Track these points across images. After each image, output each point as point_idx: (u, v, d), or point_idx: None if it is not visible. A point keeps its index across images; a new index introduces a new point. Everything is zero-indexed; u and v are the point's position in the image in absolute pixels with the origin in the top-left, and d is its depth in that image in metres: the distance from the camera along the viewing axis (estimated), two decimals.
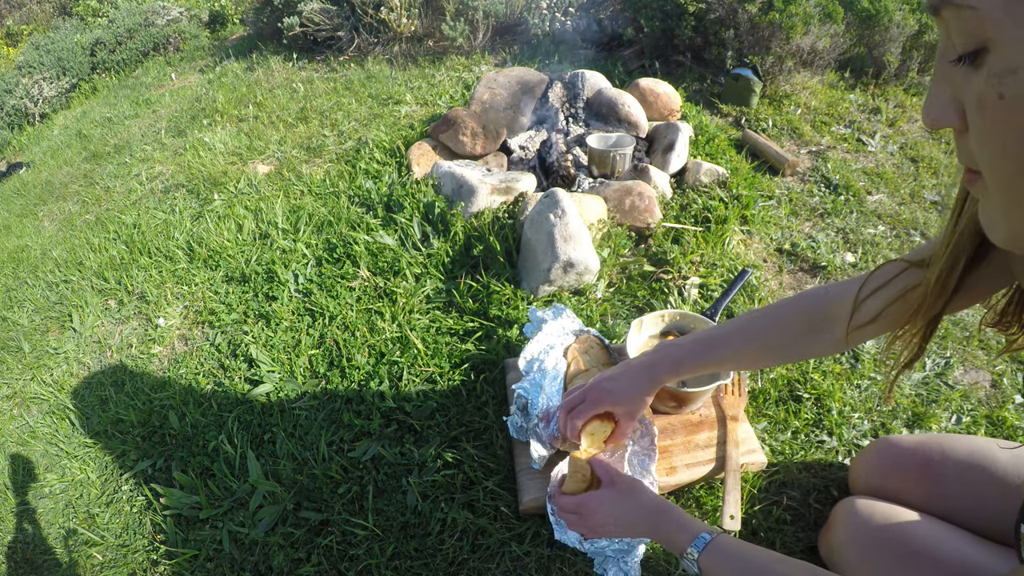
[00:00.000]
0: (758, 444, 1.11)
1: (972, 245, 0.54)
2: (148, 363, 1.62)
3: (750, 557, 0.68)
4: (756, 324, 0.81)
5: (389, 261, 1.68)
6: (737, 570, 0.67)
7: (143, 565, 1.16)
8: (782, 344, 0.79)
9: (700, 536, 0.71)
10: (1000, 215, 0.38)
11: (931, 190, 1.93)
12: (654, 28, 2.67)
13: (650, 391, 0.85)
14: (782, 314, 0.79)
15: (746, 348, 0.81)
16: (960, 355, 1.35)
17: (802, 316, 0.77)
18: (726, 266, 1.57)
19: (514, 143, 2.18)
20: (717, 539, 0.70)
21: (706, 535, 0.71)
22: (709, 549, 0.69)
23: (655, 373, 0.83)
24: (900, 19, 2.42)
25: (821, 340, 0.76)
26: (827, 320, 0.75)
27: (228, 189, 2.30)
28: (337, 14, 3.45)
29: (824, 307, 0.75)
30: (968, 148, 0.37)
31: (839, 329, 0.74)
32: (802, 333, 0.77)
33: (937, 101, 0.37)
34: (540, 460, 1.04)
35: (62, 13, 6.11)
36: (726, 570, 0.68)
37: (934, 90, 0.37)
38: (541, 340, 1.22)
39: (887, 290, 0.66)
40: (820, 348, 0.78)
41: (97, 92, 4.16)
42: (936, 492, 0.83)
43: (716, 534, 0.71)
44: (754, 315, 0.82)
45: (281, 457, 1.26)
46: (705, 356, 0.82)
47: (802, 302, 0.78)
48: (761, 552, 0.68)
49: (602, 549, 0.95)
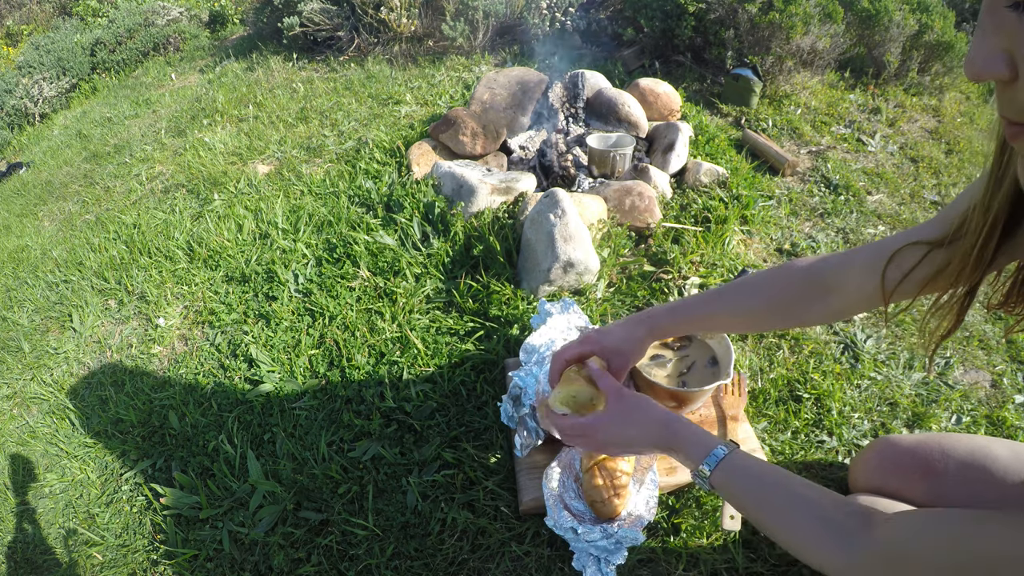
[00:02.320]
0: (758, 444, 1.11)
1: (1008, 209, 0.53)
2: (148, 363, 1.62)
3: (763, 472, 0.65)
4: (756, 282, 0.82)
5: (389, 261, 1.68)
6: (751, 486, 0.64)
7: (143, 565, 1.16)
8: (780, 304, 0.80)
9: (713, 452, 0.67)
10: None
11: (931, 190, 1.93)
12: (654, 28, 2.67)
13: (644, 337, 0.86)
14: (782, 275, 0.80)
15: (743, 304, 0.82)
16: (960, 355, 1.35)
17: (803, 279, 0.78)
18: (726, 266, 1.57)
19: (514, 143, 2.18)
20: (731, 455, 0.67)
21: (720, 450, 0.67)
22: (722, 466, 0.66)
23: (650, 319, 0.86)
24: (900, 19, 2.42)
25: (816, 307, 0.77)
26: (825, 287, 0.76)
27: (228, 189, 2.30)
28: (337, 14, 3.45)
29: (823, 274, 0.76)
30: (1016, 99, 0.36)
31: (835, 300, 0.75)
32: (800, 296, 0.78)
33: (984, 50, 0.36)
34: (524, 448, 1.07)
35: (62, 13, 6.11)
36: (740, 486, 0.65)
37: (979, 40, 0.36)
38: (544, 333, 1.23)
39: (919, 272, 0.64)
40: (815, 315, 0.79)
41: (97, 92, 4.16)
42: (936, 491, 0.83)
43: (731, 449, 0.68)
44: (756, 275, 0.83)
45: (281, 457, 1.26)
46: (701, 308, 0.84)
47: (803, 266, 0.79)
48: (775, 468, 0.66)
49: (586, 547, 0.95)
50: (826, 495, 0.59)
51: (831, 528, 0.56)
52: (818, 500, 0.59)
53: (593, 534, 0.95)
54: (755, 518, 0.64)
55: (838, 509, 0.57)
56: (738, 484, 0.65)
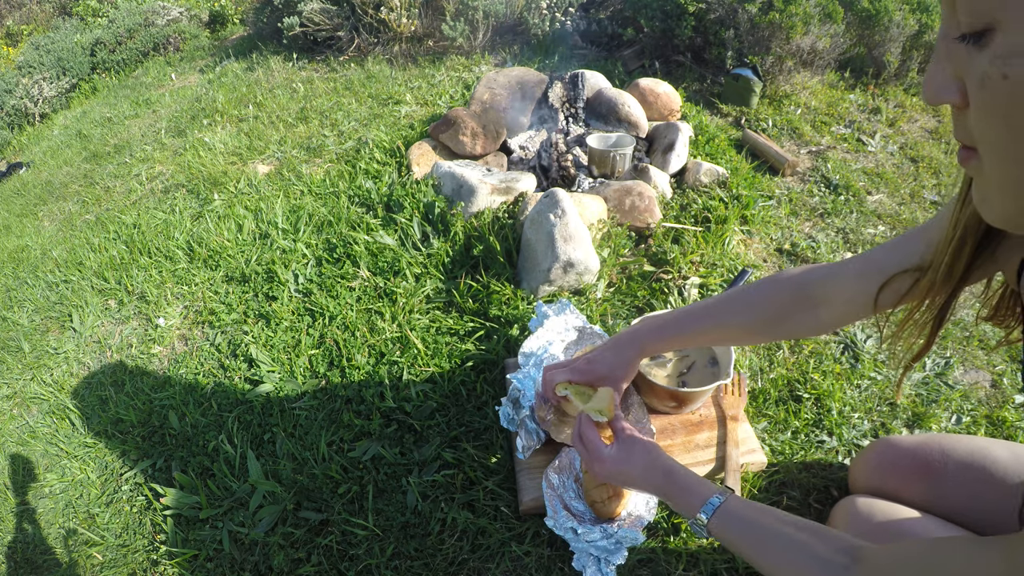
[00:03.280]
0: (758, 444, 1.11)
1: (977, 230, 0.54)
2: (148, 363, 1.62)
3: (757, 517, 0.68)
4: (744, 296, 0.83)
5: (389, 261, 1.68)
6: (745, 532, 0.68)
7: (143, 565, 1.16)
8: (768, 319, 0.80)
9: (709, 501, 0.71)
10: (995, 192, 0.38)
11: (931, 190, 1.93)
12: (654, 28, 2.67)
13: (633, 358, 0.88)
14: (769, 288, 0.81)
15: (732, 320, 0.83)
16: (960, 355, 1.35)
17: (791, 291, 0.78)
18: (726, 266, 1.57)
19: (514, 143, 2.18)
20: (726, 503, 0.71)
21: (715, 499, 0.71)
22: (718, 515, 0.70)
23: (638, 340, 0.87)
24: (900, 19, 2.42)
25: (805, 320, 0.78)
26: (813, 300, 0.76)
27: (228, 189, 2.30)
28: (337, 14, 3.45)
29: (811, 287, 0.77)
30: (966, 125, 0.37)
31: (824, 312, 0.75)
32: (789, 309, 0.78)
33: (938, 77, 0.37)
34: (525, 450, 1.07)
35: (62, 13, 6.11)
36: (735, 534, 0.68)
37: (935, 67, 0.37)
38: (541, 336, 1.23)
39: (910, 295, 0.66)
40: (804, 328, 0.79)
41: (97, 92, 4.16)
42: (936, 492, 0.83)
43: (726, 497, 0.71)
44: (743, 288, 0.84)
45: (281, 457, 1.26)
46: (689, 326, 0.85)
47: (790, 278, 0.79)
48: (767, 511, 0.69)
49: (586, 547, 0.95)
50: (816, 535, 0.63)
51: (827, 569, 0.59)
52: (809, 542, 0.62)
53: (593, 534, 0.95)
54: (753, 562, 0.67)
55: (828, 547, 0.60)
56: (734, 531, 0.69)
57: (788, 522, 0.66)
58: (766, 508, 0.70)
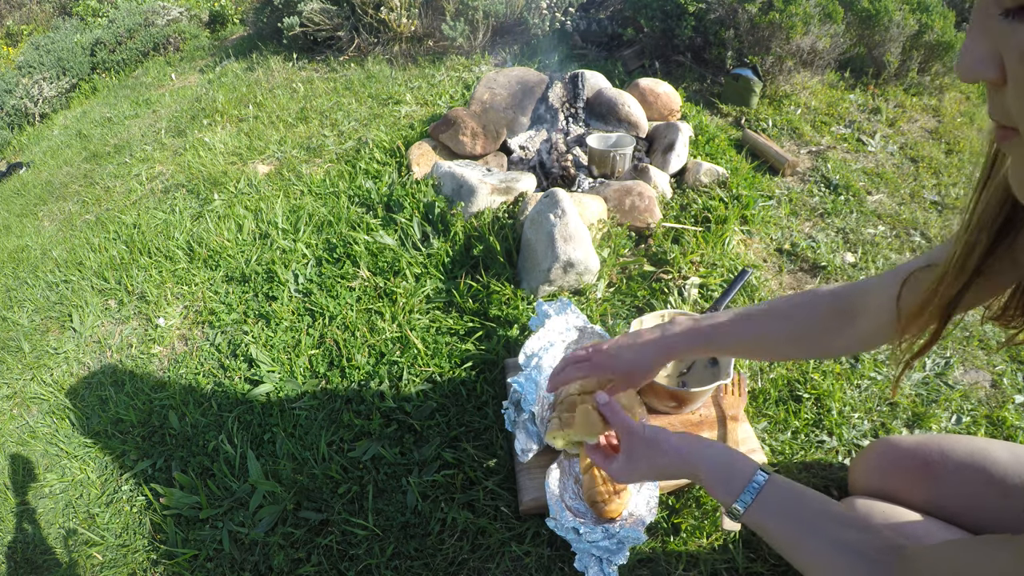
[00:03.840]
0: (758, 444, 1.11)
1: (996, 218, 0.51)
2: (148, 363, 1.62)
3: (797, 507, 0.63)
4: (782, 308, 0.79)
5: (389, 261, 1.68)
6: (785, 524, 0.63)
7: (143, 565, 1.16)
8: (809, 330, 0.76)
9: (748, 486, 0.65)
10: None
11: (931, 190, 1.93)
12: (654, 28, 2.67)
13: (656, 360, 0.84)
14: (809, 301, 0.77)
15: (771, 331, 0.78)
16: (960, 355, 1.35)
17: (830, 303, 0.75)
18: (726, 266, 1.57)
19: (514, 143, 2.18)
20: (762, 493, 0.65)
21: (753, 486, 0.65)
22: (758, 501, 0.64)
23: (665, 344, 0.83)
24: (900, 19, 2.42)
25: (845, 331, 0.74)
26: (851, 311, 0.73)
27: (228, 189, 2.30)
28: (337, 14, 3.45)
29: (849, 297, 0.74)
30: (1003, 103, 0.36)
31: (863, 323, 0.72)
32: (829, 322, 0.75)
33: (974, 53, 0.36)
34: (524, 452, 1.07)
35: (62, 13, 6.11)
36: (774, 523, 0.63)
37: (970, 42, 0.36)
38: (542, 336, 1.22)
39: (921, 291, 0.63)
40: (844, 339, 0.75)
41: (97, 92, 4.16)
42: (936, 493, 0.83)
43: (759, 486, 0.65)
44: (778, 301, 0.80)
45: (281, 457, 1.26)
46: (727, 338, 0.80)
47: (829, 290, 0.76)
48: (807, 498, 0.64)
49: (588, 548, 0.95)
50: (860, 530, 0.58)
51: (874, 570, 0.55)
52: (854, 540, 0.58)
53: (595, 534, 0.95)
54: (788, 555, 0.62)
55: (871, 545, 0.57)
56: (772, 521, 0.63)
57: (831, 511, 0.61)
58: (805, 492, 0.64)
